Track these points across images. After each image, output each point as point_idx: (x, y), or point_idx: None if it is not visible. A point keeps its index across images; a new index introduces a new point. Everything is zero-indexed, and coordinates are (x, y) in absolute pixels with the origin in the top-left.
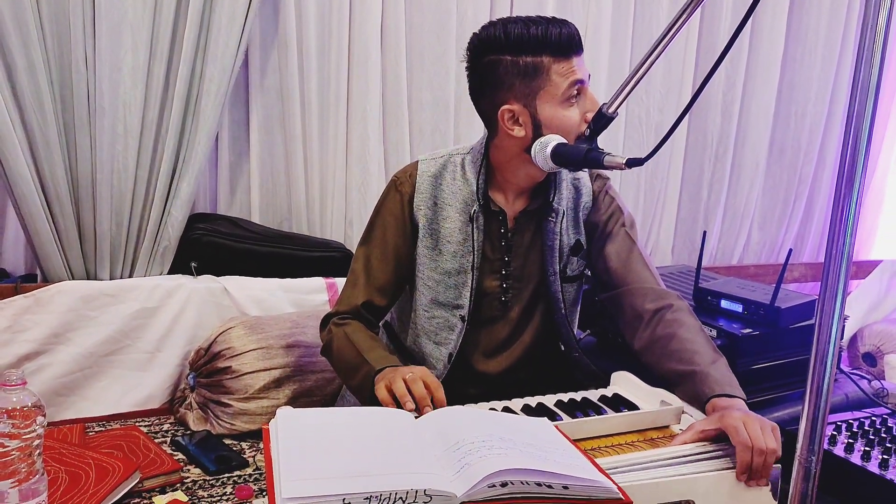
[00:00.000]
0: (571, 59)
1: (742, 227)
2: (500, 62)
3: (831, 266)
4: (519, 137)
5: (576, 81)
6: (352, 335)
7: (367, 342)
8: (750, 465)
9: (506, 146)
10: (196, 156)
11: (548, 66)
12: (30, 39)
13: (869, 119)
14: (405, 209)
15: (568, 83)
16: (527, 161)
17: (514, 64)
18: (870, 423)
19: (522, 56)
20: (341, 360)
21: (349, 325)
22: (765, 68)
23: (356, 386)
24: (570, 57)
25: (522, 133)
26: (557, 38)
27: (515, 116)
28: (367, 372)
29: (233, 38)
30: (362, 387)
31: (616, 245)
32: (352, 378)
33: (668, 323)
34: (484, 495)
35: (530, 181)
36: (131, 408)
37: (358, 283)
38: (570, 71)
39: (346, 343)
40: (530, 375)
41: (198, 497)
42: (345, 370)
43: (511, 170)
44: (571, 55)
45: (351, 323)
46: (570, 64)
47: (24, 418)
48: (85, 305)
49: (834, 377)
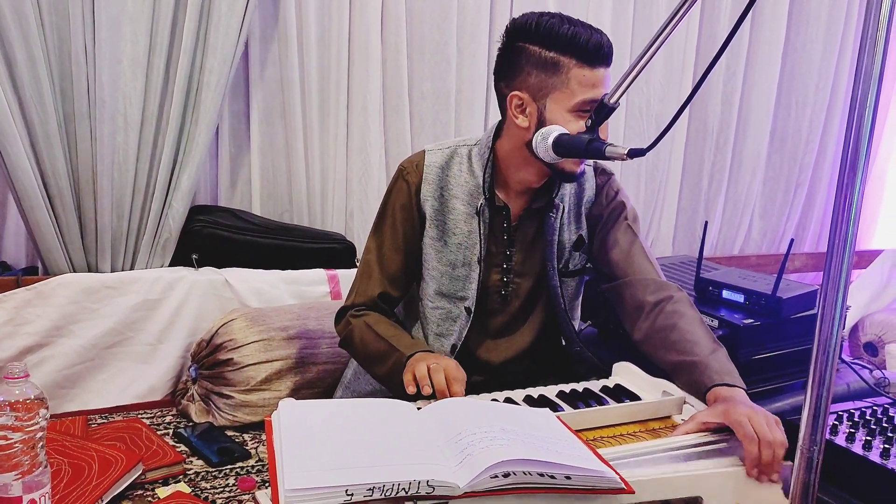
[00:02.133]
0: (596, 70)
1: (743, 216)
2: (526, 50)
3: (834, 256)
4: (521, 127)
5: (591, 100)
6: (374, 325)
7: (391, 330)
8: (759, 458)
9: (510, 133)
10: (196, 148)
11: (569, 67)
12: (29, 32)
13: (872, 108)
14: (413, 199)
15: (585, 97)
16: (526, 158)
17: (537, 55)
18: (871, 412)
19: (547, 50)
20: (366, 351)
21: (369, 316)
22: (765, 57)
23: (385, 374)
24: (595, 67)
25: (526, 124)
26: (585, 42)
27: (523, 105)
28: (398, 359)
29: (232, 29)
30: (392, 374)
31: (618, 237)
32: (380, 367)
33: (668, 314)
34: (486, 486)
35: (526, 184)
36: (133, 400)
37: (373, 274)
38: (591, 83)
39: (369, 333)
40: (532, 366)
41: (200, 489)
42: (371, 360)
43: (512, 167)
44: (597, 65)
45: (370, 314)
46: (594, 74)
47: (26, 411)
48: (86, 298)
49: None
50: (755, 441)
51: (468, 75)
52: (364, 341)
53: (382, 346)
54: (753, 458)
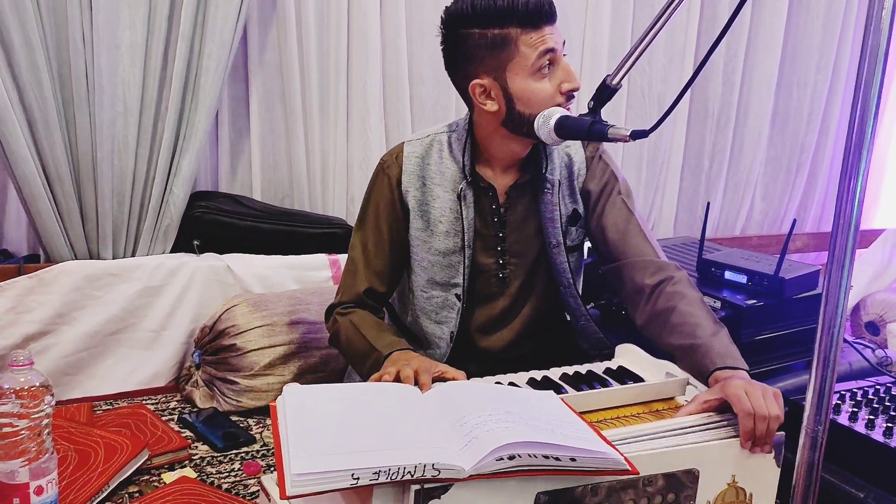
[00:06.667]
0: (542, 29)
1: (745, 197)
2: (469, 36)
3: (838, 236)
4: (492, 112)
5: (545, 51)
6: (358, 323)
7: (373, 330)
8: (753, 432)
9: (483, 122)
10: (196, 133)
11: (516, 37)
12: (26, 17)
13: (877, 87)
14: (394, 192)
15: (537, 54)
16: (507, 136)
17: (482, 37)
18: (873, 391)
19: (490, 28)
20: (350, 349)
21: (354, 314)
22: (767, 37)
23: (367, 372)
24: (541, 27)
25: (496, 107)
26: (525, 7)
27: (487, 90)
28: (377, 358)
29: (231, 13)
30: (373, 372)
31: (613, 216)
32: (362, 365)
33: (669, 296)
34: (492, 468)
35: (514, 156)
36: (138, 386)
37: (357, 271)
38: (540, 41)
39: (353, 331)
40: (532, 350)
41: (206, 473)
42: (354, 358)
43: (494, 145)
44: (542, 24)
45: (356, 311)
46: (541, 34)
47: (32, 398)
48: (89, 285)
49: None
50: (751, 415)
51: None
52: (349, 339)
53: (364, 345)
54: (748, 432)
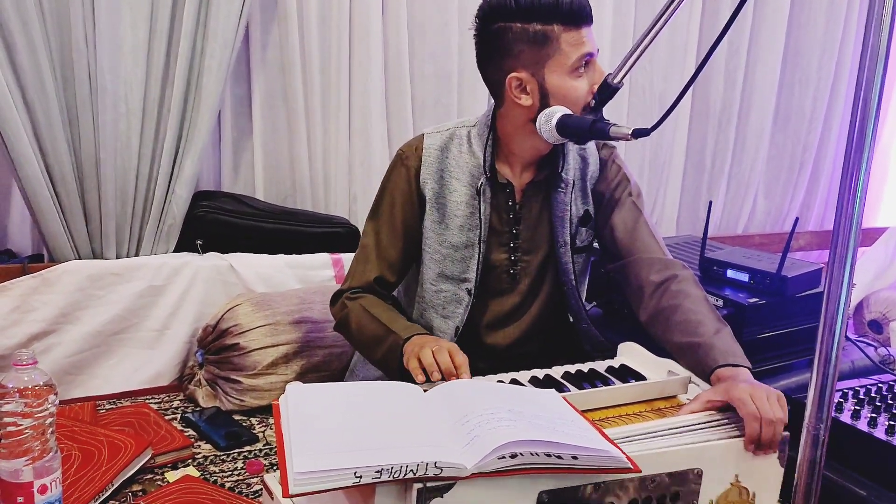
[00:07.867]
0: (581, 30)
1: (747, 195)
2: (510, 29)
3: (840, 234)
4: (526, 106)
5: (586, 54)
6: (370, 308)
7: (387, 313)
8: (759, 435)
9: (512, 116)
10: (199, 133)
11: (558, 34)
12: (29, 17)
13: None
14: (412, 183)
15: (578, 55)
16: (533, 132)
17: (523, 31)
18: (876, 389)
19: (532, 24)
20: (361, 334)
21: (365, 299)
22: (769, 34)
23: (381, 358)
24: (581, 27)
25: (530, 102)
26: (569, 6)
27: (523, 85)
28: (394, 342)
29: (233, 12)
30: (388, 358)
31: (622, 215)
32: (375, 350)
33: (673, 294)
34: (494, 466)
35: (536, 153)
36: (141, 385)
37: (369, 258)
38: (580, 42)
39: (365, 316)
40: (538, 348)
41: (209, 472)
42: (366, 343)
43: (517, 141)
44: (582, 25)
45: (366, 296)
46: (580, 34)
47: (36, 397)
48: (92, 285)
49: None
50: (758, 419)
51: (470, 57)
52: (360, 324)
53: (378, 329)
54: (754, 436)
